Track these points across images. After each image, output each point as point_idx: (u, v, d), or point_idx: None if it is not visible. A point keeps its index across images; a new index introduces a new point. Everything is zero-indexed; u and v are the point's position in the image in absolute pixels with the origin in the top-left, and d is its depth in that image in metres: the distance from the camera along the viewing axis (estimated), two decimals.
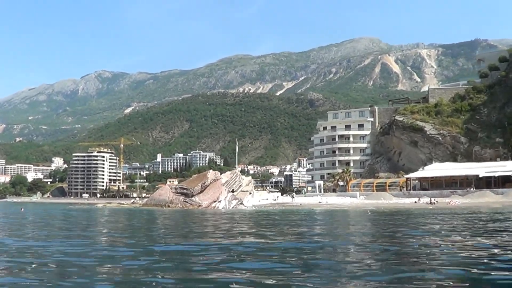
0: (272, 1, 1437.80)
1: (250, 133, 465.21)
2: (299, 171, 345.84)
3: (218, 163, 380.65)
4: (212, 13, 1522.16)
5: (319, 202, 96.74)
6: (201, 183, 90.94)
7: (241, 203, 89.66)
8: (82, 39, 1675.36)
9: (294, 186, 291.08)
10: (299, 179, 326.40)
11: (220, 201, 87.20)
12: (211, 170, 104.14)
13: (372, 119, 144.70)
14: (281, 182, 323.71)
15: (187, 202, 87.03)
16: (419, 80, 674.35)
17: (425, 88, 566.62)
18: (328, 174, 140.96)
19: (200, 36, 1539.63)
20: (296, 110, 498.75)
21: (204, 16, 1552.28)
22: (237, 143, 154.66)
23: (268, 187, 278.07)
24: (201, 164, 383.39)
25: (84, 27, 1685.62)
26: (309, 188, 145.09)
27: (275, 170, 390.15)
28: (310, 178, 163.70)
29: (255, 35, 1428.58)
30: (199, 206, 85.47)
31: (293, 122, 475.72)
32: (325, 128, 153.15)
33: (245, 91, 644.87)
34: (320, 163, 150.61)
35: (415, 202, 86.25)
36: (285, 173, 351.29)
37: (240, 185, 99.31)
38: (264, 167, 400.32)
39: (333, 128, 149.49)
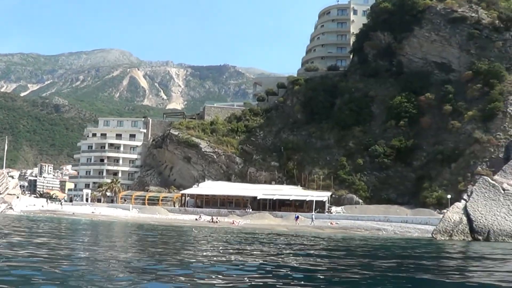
0: None
1: None
2: (44, 177, 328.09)
3: None
4: None
5: (92, 212, 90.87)
6: None
7: (11, 207, 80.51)
8: None
9: (38, 191, 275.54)
10: (43, 185, 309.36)
11: None
12: None
13: (145, 131, 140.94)
14: (23, 186, 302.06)
15: None
16: (165, 97, 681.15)
17: (170, 106, 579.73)
18: (94, 183, 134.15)
19: None
20: (40, 114, 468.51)
21: None
22: (6, 141, 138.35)
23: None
24: None
25: None
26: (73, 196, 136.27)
27: (15, 173, 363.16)
28: (73, 186, 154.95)
29: (4, 30, 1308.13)
30: None
31: (36, 126, 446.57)
32: (94, 135, 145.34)
33: None
34: (86, 171, 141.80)
35: (196, 219, 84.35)
36: (29, 178, 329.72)
37: (7, 188, 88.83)
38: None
39: (104, 135, 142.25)
